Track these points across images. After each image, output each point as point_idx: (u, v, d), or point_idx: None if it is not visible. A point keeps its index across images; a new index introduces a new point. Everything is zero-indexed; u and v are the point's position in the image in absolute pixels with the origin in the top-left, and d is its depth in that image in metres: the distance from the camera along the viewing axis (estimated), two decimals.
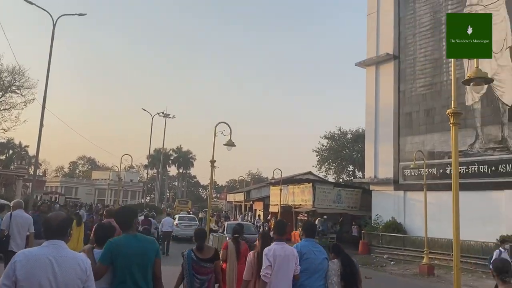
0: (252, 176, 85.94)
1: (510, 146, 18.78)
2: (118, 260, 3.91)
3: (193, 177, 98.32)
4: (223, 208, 66.46)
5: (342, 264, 5.61)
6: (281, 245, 5.28)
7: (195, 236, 5.96)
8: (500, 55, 19.55)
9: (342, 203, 26.96)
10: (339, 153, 47.77)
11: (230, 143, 15.20)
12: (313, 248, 5.46)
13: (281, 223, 6.14)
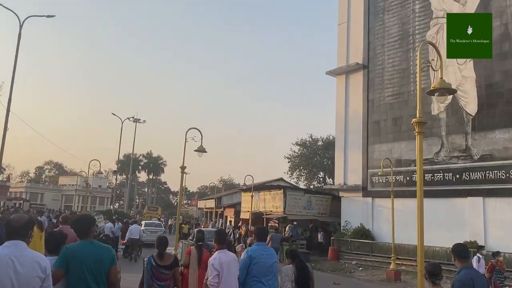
0: (224, 182, 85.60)
1: (473, 155, 19.43)
2: (73, 266, 3.97)
3: (163, 183, 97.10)
4: (193, 214, 65.79)
5: (296, 269, 5.81)
6: (224, 252, 5.68)
7: (157, 243, 6.23)
8: (464, 66, 20.27)
9: (312, 210, 27.21)
10: (310, 160, 48.29)
11: (201, 149, 15.11)
12: (264, 252, 5.68)
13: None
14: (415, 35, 22.76)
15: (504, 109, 18.57)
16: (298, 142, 48.95)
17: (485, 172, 18.82)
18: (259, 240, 5.92)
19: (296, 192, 28.59)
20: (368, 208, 23.72)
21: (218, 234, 6.20)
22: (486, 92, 19.33)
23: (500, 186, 18.22)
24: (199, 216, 60.91)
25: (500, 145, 18.49)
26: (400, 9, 23.77)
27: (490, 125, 18.97)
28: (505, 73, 18.78)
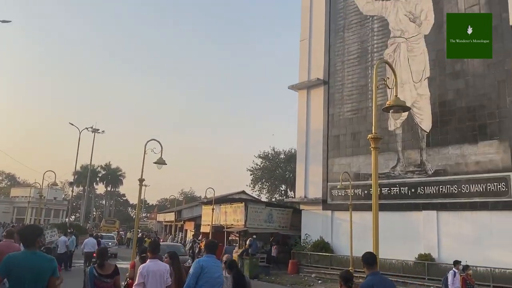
0: (185, 195, 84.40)
1: (427, 170, 20.15)
2: (12, 274, 4.11)
3: (122, 195, 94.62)
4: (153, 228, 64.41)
5: (234, 278, 6.43)
6: (155, 262, 6.31)
7: (97, 254, 6.70)
8: (419, 84, 21.11)
9: (273, 223, 27.26)
10: (273, 173, 48.57)
11: (160, 161, 14.91)
12: (213, 264, 6.17)
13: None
14: (373, 53, 23.54)
15: (456, 126, 19.42)
16: (260, 155, 49.20)
17: (438, 186, 19.54)
18: (209, 253, 6.33)
19: (257, 205, 28.59)
20: (328, 221, 24.03)
21: (152, 244, 6.73)
22: (439, 109, 20.17)
23: (452, 200, 18.95)
24: (159, 229, 59.69)
25: (453, 161, 19.28)
26: (360, 27, 24.55)
27: (443, 141, 19.77)
28: (457, 91, 19.69)
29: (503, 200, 17.38)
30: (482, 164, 18.28)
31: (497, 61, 18.42)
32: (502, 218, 17.39)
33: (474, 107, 18.94)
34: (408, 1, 22.30)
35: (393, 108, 7.79)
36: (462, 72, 19.64)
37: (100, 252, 6.70)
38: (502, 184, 17.51)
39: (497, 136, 17.99)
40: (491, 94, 18.48)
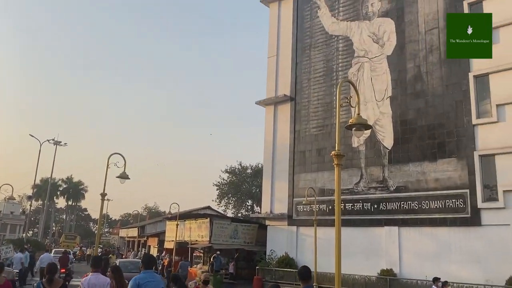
0: (149, 210, 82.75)
1: (389, 186, 20.64)
2: None
3: (83, 210, 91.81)
4: (115, 243, 62.64)
5: None
6: (96, 275, 6.78)
7: (46, 269, 6.71)
8: (382, 103, 21.74)
9: (238, 239, 27.09)
10: (239, 188, 48.43)
11: (123, 175, 14.64)
12: (150, 279, 6.10)
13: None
14: (338, 71, 24.12)
15: (417, 144, 20.06)
16: (227, 170, 49.03)
17: (400, 202, 20.03)
18: (146, 268, 6.28)
19: (223, 220, 28.37)
20: (293, 237, 24.11)
21: (94, 259, 7.10)
22: (401, 127, 20.81)
23: (413, 216, 19.46)
24: (121, 245, 58.12)
25: (413, 178, 19.85)
26: (325, 47, 25.14)
27: (405, 158, 20.35)
28: (418, 110, 20.39)
29: (461, 217, 18.00)
30: (441, 181, 18.91)
31: (455, 82, 19.27)
32: (460, 234, 17.98)
33: (434, 126, 19.65)
34: (372, 22, 23.07)
35: (355, 126, 7.97)
36: (422, 92, 20.39)
37: (50, 268, 6.73)
38: (460, 201, 18.14)
39: (455, 154, 18.70)
40: (450, 114, 19.24)
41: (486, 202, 17.48)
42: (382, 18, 22.63)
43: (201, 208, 41.47)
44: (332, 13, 25.14)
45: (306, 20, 26.67)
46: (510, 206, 16.71)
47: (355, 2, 24.07)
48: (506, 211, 16.81)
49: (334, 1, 25.18)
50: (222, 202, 48.97)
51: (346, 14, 24.42)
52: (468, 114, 18.55)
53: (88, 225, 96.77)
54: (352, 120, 7.90)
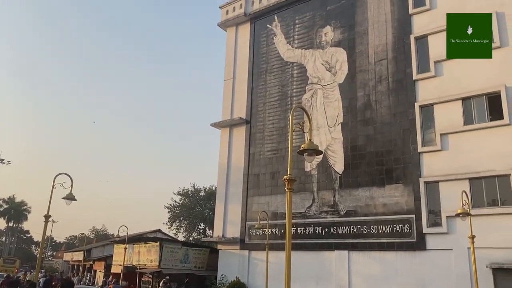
0: (96, 232, 79.46)
1: (340, 210, 21.05)
2: None
3: (25, 232, 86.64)
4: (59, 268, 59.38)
5: None
6: None
7: None
8: (333, 129, 22.35)
9: (189, 263, 26.49)
10: (192, 210, 47.65)
11: (70, 196, 14.10)
12: None
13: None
14: (293, 97, 24.65)
15: (366, 169, 20.69)
16: (180, 192, 48.20)
17: (350, 226, 20.43)
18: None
19: (173, 244, 27.69)
20: (245, 261, 23.89)
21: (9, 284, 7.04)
22: (351, 153, 21.42)
23: (362, 240, 19.88)
24: (65, 269, 55.18)
25: (363, 202, 20.38)
26: (281, 72, 25.70)
27: (354, 183, 20.90)
28: (367, 137, 21.11)
29: (407, 241, 18.59)
30: (389, 206, 19.52)
31: (402, 111, 20.17)
32: (406, 258, 18.52)
33: (382, 152, 20.38)
34: (325, 51, 23.89)
35: (307, 152, 8.16)
36: (372, 119, 21.18)
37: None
38: (407, 226, 18.77)
39: (402, 180, 19.43)
40: (397, 141, 20.06)
41: (430, 227, 18.18)
42: (335, 48, 23.50)
43: (151, 231, 40.34)
44: (288, 41, 25.84)
45: (263, 45, 27.22)
46: (452, 231, 17.46)
47: (310, 31, 24.89)
48: (449, 236, 17.54)
49: (290, 29, 25.92)
50: (174, 225, 47.94)
51: (301, 42, 25.17)
52: (414, 142, 19.41)
53: (30, 248, 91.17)
54: (304, 145, 8.09)
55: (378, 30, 22.01)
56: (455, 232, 17.32)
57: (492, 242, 16.17)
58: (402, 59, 20.79)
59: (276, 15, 26.85)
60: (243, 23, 28.76)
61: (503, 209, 16.49)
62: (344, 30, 23.36)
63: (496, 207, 16.84)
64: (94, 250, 42.47)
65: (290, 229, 7.66)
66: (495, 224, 16.40)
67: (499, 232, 16.23)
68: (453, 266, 17.18)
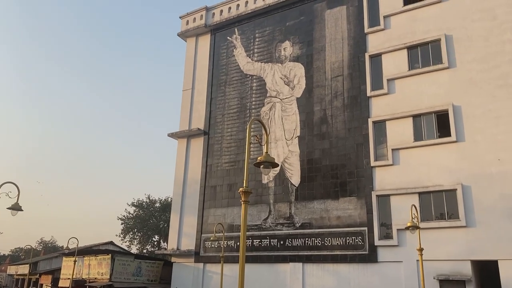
0: (45, 245, 75.90)
1: (295, 222, 21.24)
2: None
3: None
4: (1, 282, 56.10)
5: None
6: None
7: None
8: (291, 142, 22.64)
9: (142, 276, 25.77)
10: (146, 222, 46.52)
11: (16, 206, 13.35)
12: None
13: None
14: (252, 109, 24.81)
15: (321, 182, 21.05)
16: (134, 203, 47.00)
17: (305, 239, 20.65)
18: None
19: (125, 257, 26.84)
20: (199, 274, 23.54)
21: None
22: (307, 166, 21.75)
23: (317, 252, 20.12)
24: (9, 283, 52.21)
25: (318, 215, 20.68)
26: (240, 85, 25.84)
27: (310, 196, 21.19)
28: (323, 151, 21.53)
29: (360, 253, 19.00)
30: (342, 218, 19.92)
31: (356, 126, 20.76)
32: (358, 270, 18.90)
33: (337, 166, 20.84)
34: (284, 65, 24.28)
35: (263, 164, 8.21)
36: (327, 133, 21.65)
37: None
38: (359, 238, 19.20)
39: (355, 193, 19.91)
40: (351, 155, 20.59)
41: (382, 240, 18.68)
42: (293, 63, 23.94)
43: (103, 243, 38.97)
44: (247, 53, 26.07)
45: (222, 57, 27.30)
46: (403, 244, 18.02)
47: (269, 46, 25.25)
48: (399, 248, 18.09)
49: (250, 42, 26.18)
50: (127, 237, 46.56)
51: (261, 55, 25.46)
52: (367, 156, 19.99)
53: None
54: (261, 157, 8.14)
55: (335, 47, 22.66)
56: (405, 244, 17.89)
57: (439, 255, 16.84)
58: (357, 76, 21.47)
59: (236, 28, 27.07)
60: (203, 34, 28.77)
61: (450, 223, 17.23)
62: (303, 46, 23.87)
63: (443, 220, 17.56)
64: (41, 263, 40.46)
65: (244, 241, 7.65)
66: (442, 237, 17.10)
67: (446, 245, 16.93)
68: (403, 278, 17.70)
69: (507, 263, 15.74)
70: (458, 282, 16.49)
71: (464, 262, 16.56)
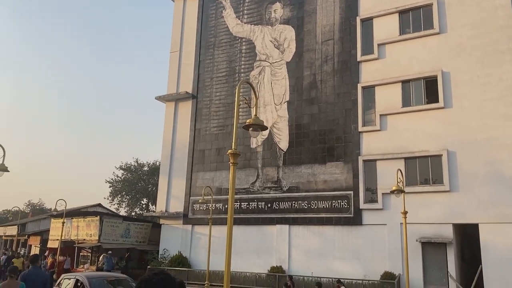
0: (33, 207, 76.00)
1: (283, 186, 21.51)
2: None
3: None
4: None
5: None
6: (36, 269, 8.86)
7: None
8: (280, 107, 22.58)
9: (130, 238, 26.10)
10: (134, 185, 46.72)
11: (2, 167, 13.20)
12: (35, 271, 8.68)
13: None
14: (241, 73, 24.53)
15: (309, 147, 21.20)
16: (122, 166, 47.00)
17: (291, 202, 20.99)
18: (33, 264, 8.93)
19: (113, 219, 27.09)
20: (187, 236, 23.93)
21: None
22: (296, 131, 21.82)
23: (303, 215, 20.52)
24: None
25: (305, 179, 20.94)
26: (229, 47, 25.40)
27: (298, 160, 21.38)
28: (311, 116, 21.55)
29: (345, 216, 19.42)
30: (329, 183, 20.21)
31: (346, 91, 20.73)
32: (343, 233, 19.39)
33: (325, 131, 20.94)
34: (274, 28, 23.86)
35: (252, 127, 8.16)
36: (316, 99, 21.61)
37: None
38: (345, 202, 19.58)
39: (342, 158, 20.13)
40: (339, 120, 20.67)
41: (367, 204, 19.09)
42: (284, 25, 23.52)
43: (91, 205, 39.13)
44: (237, 15, 25.50)
45: (211, 18, 26.68)
46: (387, 208, 18.45)
47: (259, 7, 24.70)
48: (383, 212, 18.53)
49: (239, 4, 25.57)
50: (115, 200, 46.86)
51: (250, 17, 24.93)
52: (355, 122, 20.09)
53: None
54: (250, 120, 8.09)
55: (326, 10, 22.26)
56: (390, 208, 18.31)
57: (422, 218, 17.31)
58: (348, 40, 21.24)
59: None
60: None
61: (434, 187, 17.62)
62: (293, 8, 23.40)
63: (427, 185, 17.94)
64: (30, 224, 40.65)
65: (232, 202, 7.72)
66: (426, 201, 17.52)
67: (429, 209, 17.38)
68: (386, 240, 18.22)
69: (486, 227, 16.27)
70: (440, 244, 17.06)
71: (446, 225, 17.07)
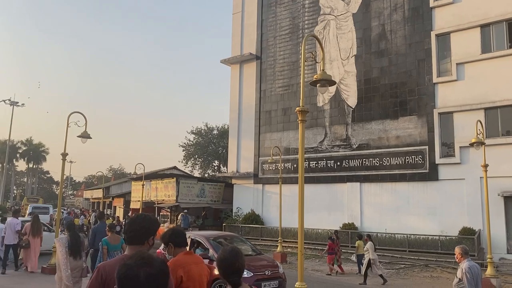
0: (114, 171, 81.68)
1: (352, 144, 21.12)
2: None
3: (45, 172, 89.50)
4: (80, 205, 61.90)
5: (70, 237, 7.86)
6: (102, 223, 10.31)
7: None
8: (347, 62, 21.83)
9: (205, 197, 27.33)
10: (206, 149, 48.31)
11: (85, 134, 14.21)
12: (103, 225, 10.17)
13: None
14: (304, 29, 23.88)
15: (380, 102, 20.44)
16: (193, 131, 48.65)
17: (362, 159, 20.60)
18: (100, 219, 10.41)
19: (189, 180, 28.43)
20: (259, 195, 24.53)
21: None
22: (365, 86, 21.07)
23: (374, 172, 20.10)
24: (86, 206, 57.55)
25: (375, 135, 20.36)
26: (292, 3, 24.72)
27: (367, 117, 20.76)
28: (381, 69, 20.63)
29: (420, 172, 18.75)
30: (402, 138, 19.49)
31: (418, 41, 19.50)
32: (418, 189, 18.80)
33: (396, 84, 20.01)
34: None
35: (320, 82, 7.94)
36: (386, 50, 20.57)
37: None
38: (419, 157, 18.84)
39: (416, 112, 19.22)
40: (412, 72, 19.60)
41: (443, 158, 18.23)
42: None
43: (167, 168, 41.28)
44: None
45: None
46: (465, 162, 17.51)
47: None
48: (461, 166, 17.62)
49: None
50: (189, 163, 48.90)
51: None
52: (429, 73, 18.96)
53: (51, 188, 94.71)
54: (317, 76, 7.88)
55: None
56: (468, 162, 17.37)
57: (504, 171, 16.24)
58: None
59: None
60: None
61: None
62: None
63: (510, 137, 16.69)
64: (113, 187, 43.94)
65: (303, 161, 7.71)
66: (509, 153, 16.36)
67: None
68: (465, 195, 17.42)
69: None
70: None
71: None
